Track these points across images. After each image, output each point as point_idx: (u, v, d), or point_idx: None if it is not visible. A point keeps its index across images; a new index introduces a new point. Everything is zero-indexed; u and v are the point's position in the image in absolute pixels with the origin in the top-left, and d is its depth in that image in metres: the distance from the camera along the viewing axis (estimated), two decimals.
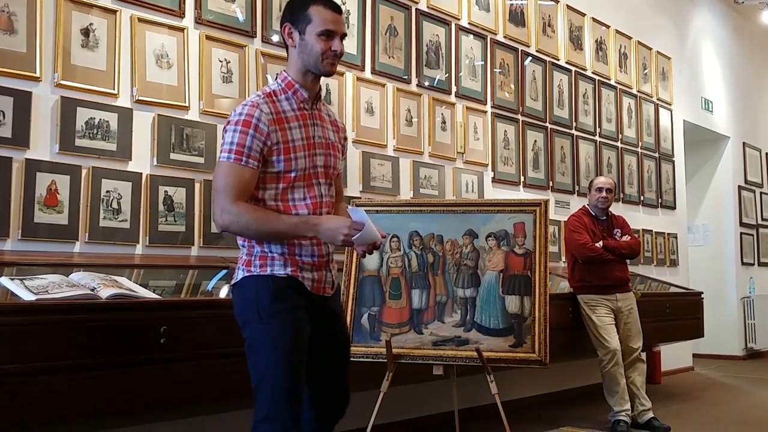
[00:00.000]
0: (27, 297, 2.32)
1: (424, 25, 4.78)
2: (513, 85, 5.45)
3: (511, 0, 5.50)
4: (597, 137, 6.33)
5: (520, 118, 5.49)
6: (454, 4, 5.02)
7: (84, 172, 3.12)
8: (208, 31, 3.64)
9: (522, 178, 5.46)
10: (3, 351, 2.20)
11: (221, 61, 3.67)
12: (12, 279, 2.44)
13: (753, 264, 8.83)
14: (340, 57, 2.21)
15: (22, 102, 2.95)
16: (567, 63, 6.04)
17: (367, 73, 4.41)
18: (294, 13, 2.20)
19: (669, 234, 7.20)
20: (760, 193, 9.18)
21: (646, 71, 7.09)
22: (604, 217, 4.68)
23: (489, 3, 5.31)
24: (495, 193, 5.18)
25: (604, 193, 4.61)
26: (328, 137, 2.28)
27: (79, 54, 3.15)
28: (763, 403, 5.66)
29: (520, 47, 5.55)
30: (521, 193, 5.41)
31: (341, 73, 4.22)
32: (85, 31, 3.19)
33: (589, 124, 6.25)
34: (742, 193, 8.71)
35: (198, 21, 3.60)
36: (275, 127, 2.13)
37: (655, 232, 6.96)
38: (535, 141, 5.63)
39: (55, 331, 2.31)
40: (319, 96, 2.29)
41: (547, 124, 5.76)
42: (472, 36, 5.14)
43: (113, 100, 3.24)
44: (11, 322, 2.23)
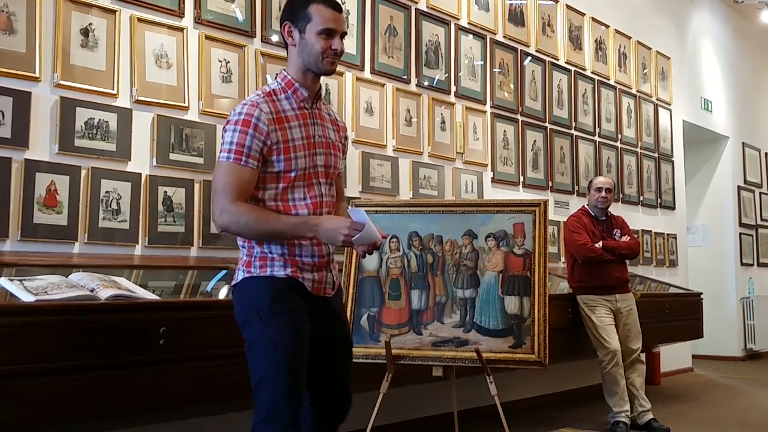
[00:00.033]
0: (26, 298, 2.32)
1: (423, 24, 4.78)
2: (512, 85, 5.45)
3: (510, 0, 5.50)
4: (596, 137, 6.33)
5: (520, 118, 5.49)
6: (453, 3, 5.01)
7: (83, 172, 3.11)
8: (208, 31, 3.64)
9: (521, 179, 5.46)
10: (2, 352, 2.19)
11: (221, 61, 3.67)
12: (11, 280, 2.44)
13: (752, 264, 8.84)
14: (340, 56, 2.19)
15: (22, 102, 2.94)
16: (566, 63, 6.04)
17: (367, 73, 4.41)
18: (294, 11, 2.18)
19: (668, 234, 7.20)
20: (760, 193, 9.18)
21: (645, 71, 7.09)
22: (604, 218, 4.68)
23: (488, 3, 5.31)
24: (494, 193, 5.18)
25: (603, 193, 4.61)
26: (329, 136, 2.26)
27: (78, 54, 3.15)
28: (762, 404, 5.66)
29: (520, 47, 5.55)
30: (521, 194, 5.41)
31: (340, 73, 4.21)
32: (85, 31, 3.18)
33: (589, 124, 6.25)
34: (742, 193, 8.71)
35: (197, 21, 3.60)
36: (275, 127, 2.11)
37: (655, 233, 6.96)
38: (535, 141, 5.63)
39: (55, 332, 2.31)
40: (320, 95, 2.27)
41: (546, 124, 5.76)
42: (471, 36, 5.14)
43: (113, 101, 3.24)
44: (10, 323, 2.23)
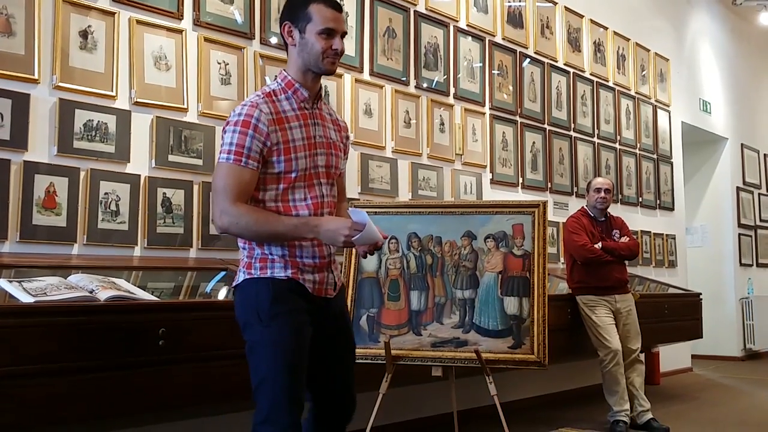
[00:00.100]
0: (25, 299, 2.32)
1: (422, 26, 4.78)
2: (511, 87, 5.46)
3: (509, 2, 5.51)
4: (595, 139, 6.34)
5: (519, 120, 5.50)
6: (452, 5, 5.02)
7: (82, 174, 3.11)
8: (207, 33, 3.64)
9: (520, 180, 5.46)
10: (2, 353, 2.19)
11: (220, 63, 3.67)
12: (10, 281, 2.44)
13: (751, 265, 8.84)
14: (340, 55, 2.17)
15: (21, 104, 2.95)
16: (565, 64, 6.05)
17: (366, 75, 4.41)
18: (294, 11, 2.17)
19: (667, 235, 7.20)
20: (759, 194, 9.18)
21: (644, 73, 7.09)
22: (603, 218, 4.68)
23: (487, 5, 5.32)
24: (493, 194, 5.18)
25: (602, 194, 4.61)
26: (330, 136, 2.25)
27: (77, 56, 3.15)
28: (761, 404, 5.66)
29: (519, 49, 5.56)
30: (520, 195, 5.42)
31: (339, 75, 4.22)
32: (84, 33, 3.19)
33: (588, 126, 6.26)
34: (741, 194, 8.72)
35: (196, 23, 3.60)
36: (275, 127, 2.09)
37: (654, 234, 6.96)
38: (534, 142, 5.63)
39: (54, 333, 2.31)
40: (320, 95, 2.25)
41: (545, 126, 5.76)
42: (470, 38, 5.15)
43: (111, 102, 3.24)
44: (10, 324, 2.23)
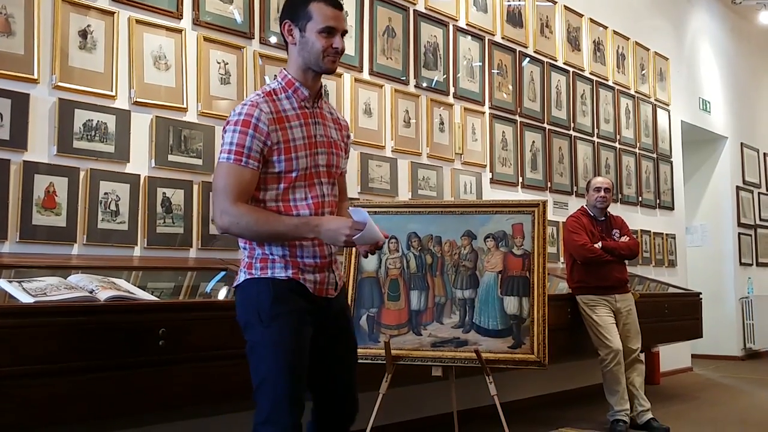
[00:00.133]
0: (25, 299, 2.32)
1: (421, 26, 4.78)
2: (511, 86, 5.46)
3: (508, 1, 5.51)
4: (595, 138, 6.34)
5: (518, 119, 5.50)
6: (451, 5, 5.02)
7: (82, 174, 3.11)
8: (206, 32, 3.64)
9: (520, 179, 5.46)
10: (2, 353, 2.19)
11: (219, 63, 3.67)
12: (10, 281, 2.44)
13: (751, 264, 8.84)
14: (341, 54, 2.16)
15: (20, 104, 2.94)
16: (565, 64, 6.04)
17: (365, 74, 4.41)
18: (294, 9, 2.16)
19: (667, 234, 7.20)
20: (758, 193, 9.18)
21: (643, 72, 7.09)
22: (603, 218, 4.68)
23: (487, 4, 5.32)
24: (493, 193, 5.18)
25: (602, 193, 4.61)
26: (331, 135, 2.24)
27: (76, 56, 3.15)
28: (761, 404, 5.66)
29: (518, 48, 5.56)
30: (519, 194, 5.41)
31: (339, 75, 4.21)
32: (83, 33, 3.18)
33: (587, 125, 6.26)
34: (740, 193, 8.72)
35: (196, 22, 3.60)
36: (275, 127, 2.09)
37: (654, 233, 6.96)
38: (533, 142, 5.63)
39: (54, 333, 2.31)
40: (321, 94, 2.24)
41: (545, 125, 5.76)
42: (470, 37, 5.14)
43: (111, 102, 3.24)
44: (9, 324, 2.23)
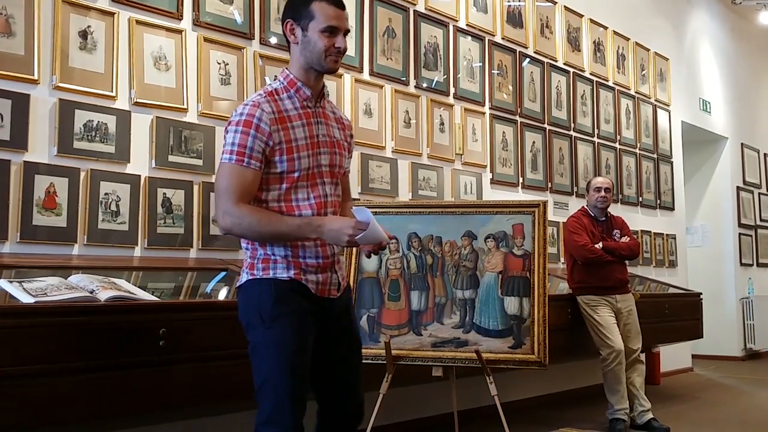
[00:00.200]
0: (26, 299, 2.32)
1: (422, 26, 4.78)
2: (511, 87, 5.46)
3: (508, 1, 5.51)
4: (595, 138, 6.34)
5: (519, 120, 5.50)
6: (452, 5, 5.02)
7: (82, 174, 3.11)
8: (206, 33, 3.64)
9: (520, 179, 5.46)
10: (2, 353, 2.19)
11: (219, 63, 3.67)
12: (11, 282, 2.44)
13: (752, 265, 8.84)
14: (343, 54, 2.15)
15: (21, 104, 2.95)
16: (565, 64, 6.04)
17: (365, 75, 4.41)
18: (296, 9, 2.15)
19: (668, 235, 7.20)
20: (759, 193, 9.18)
21: (644, 72, 7.09)
22: (603, 218, 4.68)
23: (487, 4, 5.32)
24: (493, 194, 5.18)
25: (602, 193, 4.61)
26: (333, 135, 2.23)
27: (77, 56, 3.15)
28: (762, 404, 5.66)
29: (518, 48, 5.56)
30: (520, 195, 5.41)
31: (339, 75, 4.22)
32: (83, 34, 3.18)
33: (588, 126, 6.26)
34: (741, 193, 8.71)
35: (196, 23, 3.60)
36: (277, 127, 2.08)
37: (654, 233, 6.96)
38: (534, 142, 5.63)
39: (54, 333, 2.31)
40: (323, 93, 2.24)
41: (545, 126, 5.76)
42: (470, 37, 5.15)
43: (111, 103, 3.24)
44: (10, 324, 2.23)
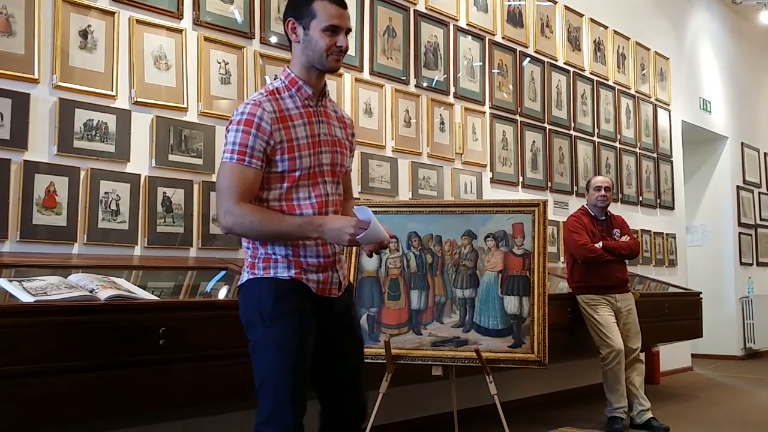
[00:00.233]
0: (25, 298, 2.32)
1: (422, 26, 4.78)
2: (511, 86, 5.46)
3: (509, 1, 5.51)
4: (595, 138, 6.34)
5: (519, 119, 5.50)
6: (452, 5, 5.02)
7: (82, 173, 3.11)
8: (207, 32, 3.64)
9: (520, 179, 5.46)
10: (2, 353, 2.19)
11: (219, 63, 3.67)
12: (10, 281, 2.44)
13: (752, 264, 8.84)
14: (345, 53, 2.15)
15: (21, 104, 2.95)
16: (565, 63, 6.04)
17: (366, 74, 4.41)
18: (298, 7, 2.14)
19: (667, 234, 7.20)
20: (759, 193, 9.18)
21: (644, 72, 7.09)
22: (603, 217, 4.68)
23: (487, 4, 5.32)
24: (493, 193, 5.18)
25: (602, 192, 4.61)
26: (335, 134, 2.22)
27: (77, 56, 3.15)
28: (762, 403, 5.66)
29: (519, 48, 5.56)
30: (520, 194, 5.41)
31: (340, 74, 4.22)
32: (83, 33, 3.19)
33: (588, 125, 6.26)
34: (741, 193, 8.71)
35: (196, 22, 3.60)
36: (278, 126, 2.08)
37: (654, 233, 6.96)
38: (534, 141, 5.63)
39: (54, 332, 2.31)
40: (325, 92, 2.23)
41: (545, 125, 5.76)
42: (470, 37, 5.15)
43: (111, 102, 3.24)
44: (10, 323, 2.23)
